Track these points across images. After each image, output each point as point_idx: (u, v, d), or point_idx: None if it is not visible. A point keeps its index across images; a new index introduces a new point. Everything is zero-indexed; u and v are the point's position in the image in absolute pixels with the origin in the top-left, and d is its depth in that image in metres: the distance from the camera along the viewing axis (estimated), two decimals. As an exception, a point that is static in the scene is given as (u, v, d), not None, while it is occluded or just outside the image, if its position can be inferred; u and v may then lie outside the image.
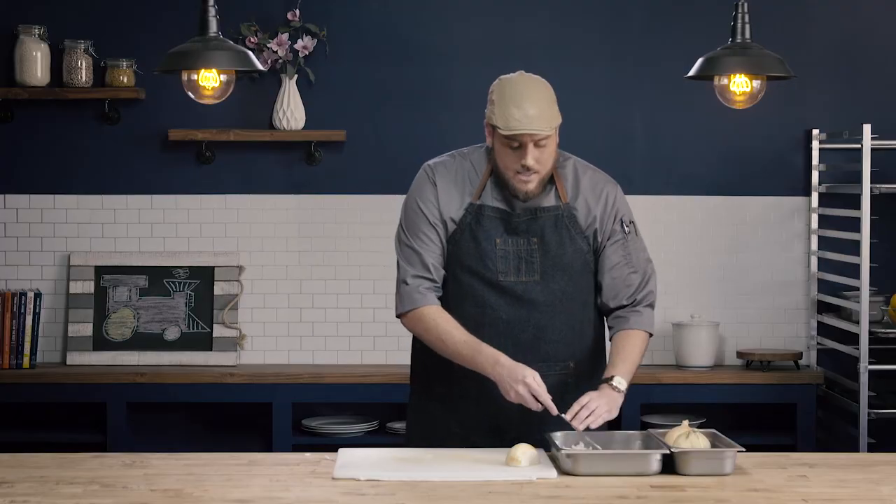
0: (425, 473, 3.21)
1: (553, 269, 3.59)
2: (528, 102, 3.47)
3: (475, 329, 3.56)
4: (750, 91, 4.11)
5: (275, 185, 5.74)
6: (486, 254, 3.58)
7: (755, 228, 5.76)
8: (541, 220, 3.59)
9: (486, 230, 3.59)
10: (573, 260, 3.60)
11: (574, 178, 3.65)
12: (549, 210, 3.60)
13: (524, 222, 3.59)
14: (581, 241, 3.61)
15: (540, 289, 3.59)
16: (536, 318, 3.59)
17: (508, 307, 3.59)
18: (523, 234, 3.59)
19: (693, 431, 3.33)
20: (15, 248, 5.72)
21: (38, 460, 3.41)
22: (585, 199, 3.62)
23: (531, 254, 3.58)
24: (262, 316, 5.75)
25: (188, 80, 4.03)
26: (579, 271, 3.62)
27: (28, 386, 5.45)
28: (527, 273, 3.58)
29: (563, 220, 3.60)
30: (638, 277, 3.67)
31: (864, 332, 5.18)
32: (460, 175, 3.63)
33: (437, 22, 5.72)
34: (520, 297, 3.59)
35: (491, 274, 3.58)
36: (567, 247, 3.60)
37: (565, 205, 3.61)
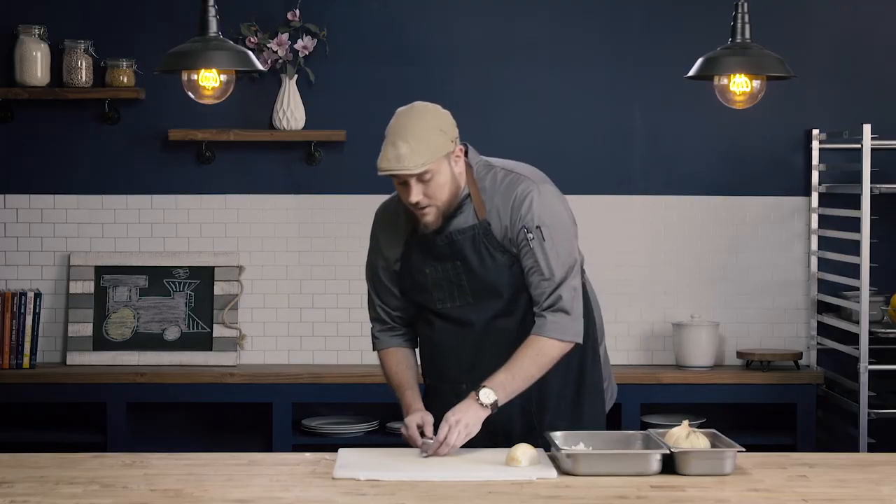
0: (425, 473, 3.21)
1: (482, 288, 3.59)
2: (401, 140, 3.44)
3: (431, 354, 3.70)
4: (750, 91, 4.11)
5: (275, 185, 5.74)
6: (422, 285, 3.64)
7: (755, 228, 5.76)
8: (457, 243, 3.58)
9: (416, 262, 3.63)
10: (497, 276, 3.58)
11: (492, 188, 3.60)
12: (465, 231, 3.58)
13: (445, 247, 3.59)
14: (500, 256, 3.58)
15: (473, 310, 3.61)
16: (475, 338, 3.62)
17: (449, 332, 3.65)
18: (448, 259, 3.60)
19: (693, 431, 3.33)
20: (15, 248, 5.72)
21: (38, 460, 3.41)
22: (498, 211, 3.57)
23: (459, 277, 3.60)
24: (262, 316, 5.75)
25: (188, 80, 4.04)
26: (508, 286, 3.59)
27: (28, 386, 5.45)
28: (460, 297, 3.61)
29: (479, 238, 3.58)
30: (548, 284, 3.56)
31: (864, 332, 5.18)
32: (398, 215, 3.67)
33: (437, 22, 5.72)
34: (458, 321, 3.63)
35: (431, 303, 3.64)
36: (488, 264, 3.58)
37: (480, 222, 3.58)
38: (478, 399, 3.46)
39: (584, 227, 5.70)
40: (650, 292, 5.75)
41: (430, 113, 3.52)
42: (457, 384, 3.62)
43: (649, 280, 5.75)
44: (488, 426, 3.54)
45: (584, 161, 5.73)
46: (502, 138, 5.67)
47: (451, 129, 3.52)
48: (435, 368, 3.71)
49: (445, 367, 3.67)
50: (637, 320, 5.75)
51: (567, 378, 3.67)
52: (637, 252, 5.75)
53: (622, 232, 5.74)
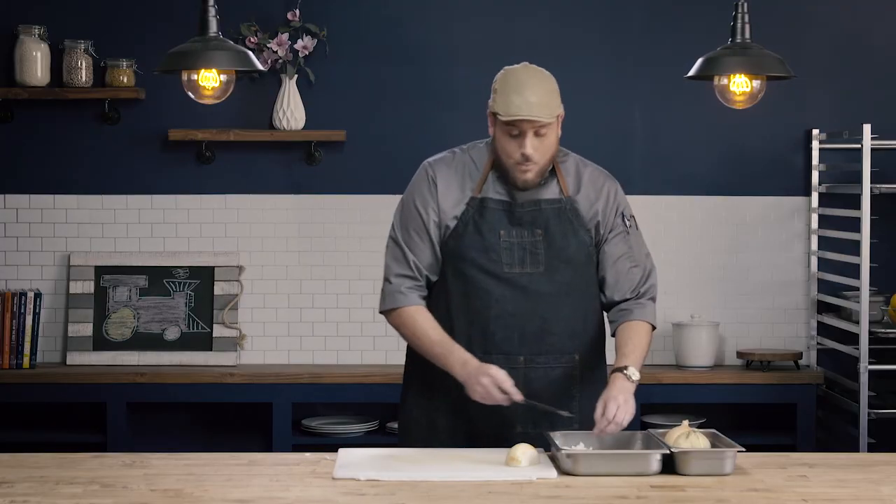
0: (425, 473, 3.21)
1: (557, 260, 3.59)
2: (529, 90, 3.51)
3: (482, 323, 3.58)
4: (750, 91, 4.11)
5: (275, 185, 5.74)
6: (491, 246, 3.58)
7: (755, 228, 5.76)
8: (544, 212, 3.60)
9: (490, 223, 3.59)
10: (577, 252, 3.61)
11: (576, 172, 3.67)
12: (551, 202, 3.61)
13: (528, 213, 3.60)
14: (584, 234, 3.62)
15: (545, 280, 3.59)
16: (542, 309, 3.59)
17: (514, 299, 3.58)
18: (527, 225, 3.59)
19: (693, 431, 3.33)
20: (15, 248, 5.72)
21: (38, 460, 3.41)
22: (587, 194, 3.64)
23: (535, 245, 3.59)
24: (262, 316, 5.75)
25: (188, 80, 4.04)
26: (583, 263, 3.63)
27: (28, 386, 5.45)
28: (532, 265, 3.59)
29: (565, 212, 3.61)
30: (640, 271, 3.69)
31: (864, 332, 5.18)
32: (460, 170, 3.64)
33: (437, 22, 5.72)
34: (525, 289, 3.58)
35: (496, 266, 3.58)
36: (570, 239, 3.60)
37: (567, 198, 3.62)
38: (629, 377, 3.48)
39: (584, 227, 5.74)
40: (650, 292, 5.74)
41: (548, 74, 3.64)
42: (513, 356, 3.56)
43: (649, 280, 5.74)
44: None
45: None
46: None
47: (559, 96, 3.60)
48: (488, 339, 3.58)
49: (504, 336, 3.57)
50: (637, 320, 5.74)
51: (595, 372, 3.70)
52: (637, 252, 5.74)
53: (622, 232, 5.73)
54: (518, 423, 3.59)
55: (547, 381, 3.59)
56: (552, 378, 3.58)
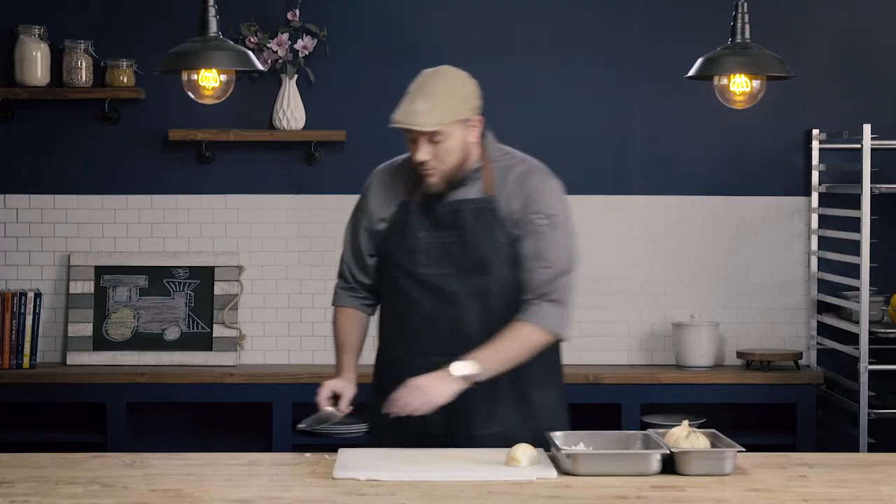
0: (425, 473, 3.21)
1: (471, 262, 3.57)
2: (420, 98, 3.50)
3: (400, 323, 3.64)
4: (750, 91, 4.12)
5: (275, 185, 5.74)
6: (410, 247, 3.61)
7: (755, 228, 5.76)
8: (462, 213, 3.58)
9: (411, 224, 3.61)
10: (491, 253, 3.57)
11: (505, 170, 3.63)
12: (471, 202, 3.59)
13: (446, 214, 3.59)
14: (500, 234, 3.57)
15: (459, 282, 3.58)
16: (454, 311, 3.58)
17: (429, 301, 3.59)
18: (446, 227, 3.59)
19: (693, 431, 3.33)
20: (15, 248, 5.72)
21: (38, 460, 3.41)
22: (509, 192, 3.59)
23: (452, 247, 3.58)
24: (262, 316, 5.75)
25: (188, 80, 4.04)
26: (498, 265, 3.58)
27: (28, 386, 5.45)
28: (447, 266, 3.58)
29: (484, 212, 3.58)
30: (549, 272, 3.56)
31: (864, 332, 5.18)
32: (399, 175, 3.69)
33: (438, 22, 5.72)
34: (440, 291, 3.58)
35: (413, 266, 3.60)
36: (485, 239, 3.57)
37: (488, 198, 3.59)
38: (449, 370, 3.45)
39: (584, 227, 5.70)
40: (650, 292, 5.75)
41: (457, 77, 3.61)
42: (430, 356, 3.57)
43: (649, 280, 5.75)
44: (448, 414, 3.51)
45: (584, 161, 5.73)
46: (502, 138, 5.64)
47: (473, 98, 3.58)
48: (407, 339, 3.64)
49: (420, 337, 3.61)
50: (637, 320, 5.75)
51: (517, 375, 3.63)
52: (637, 252, 5.75)
53: (622, 232, 5.74)
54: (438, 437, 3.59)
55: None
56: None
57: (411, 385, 3.45)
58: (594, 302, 5.73)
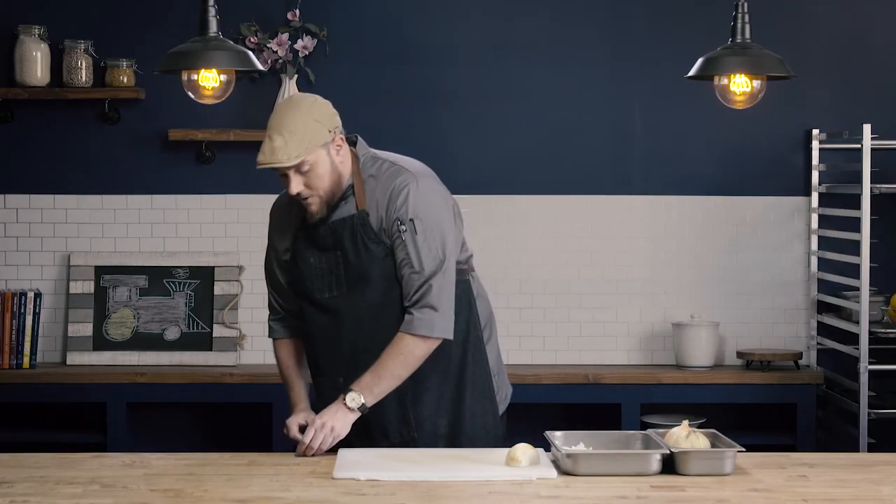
0: (425, 473, 3.21)
1: (356, 280, 3.59)
2: (276, 133, 3.50)
3: (311, 347, 3.71)
4: (750, 91, 4.11)
5: (275, 186, 5.66)
6: (305, 274, 3.65)
7: (755, 228, 5.76)
8: (338, 232, 3.60)
9: (302, 252, 3.66)
10: (369, 267, 3.58)
11: (375, 180, 3.61)
12: (346, 221, 3.59)
13: (327, 237, 3.61)
14: (375, 247, 3.57)
15: (349, 302, 3.60)
16: (350, 330, 3.61)
17: (327, 323, 3.64)
18: (330, 249, 3.62)
19: (693, 431, 3.33)
20: (15, 248, 5.72)
21: (38, 460, 3.41)
22: (376, 201, 3.58)
23: (338, 268, 3.61)
24: (262, 316, 5.71)
25: (188, 80, 4.04)
26: (381, 278, 3.58)
27: (28, 386, 5.45)
28: (336, 287, 3.62)
29: (357, 227, 3.58)
30: (418, 277, 3.54)
31: (864, 332, 5.18)
32: (289, 208, 3.71)
33: (437, 22, 5.72)
34: (334, 312, 3.62)
35: (310, 292, 3.66)
36: (362, 254, 3.58)
37: (360, 212, 3.59)
38: (345, 402, 3.51)
39: (584, 227, 5.75)
40: (650, 292, 5.75)
41: (306, 103, 3.55)
42: (334, 377, 3.63)
43: (649, 280, 5.75)
44: (364, 422, 3.56)
45: (584, 161, 5.73)
46: (502, 138, 5.67)
47: (328, 119, 3.54)
48: (314, 361, 3.72)
49: (323, 359, 3.67)
50: (637, 320, 5.75)
51: (446, 373, 3.66)
52: (637, 252, 5.75)
53: (622, 232, 5.74)
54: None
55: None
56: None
57: (314, 425, 3.51)
58: (594, 302, 5.73)
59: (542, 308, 5.74)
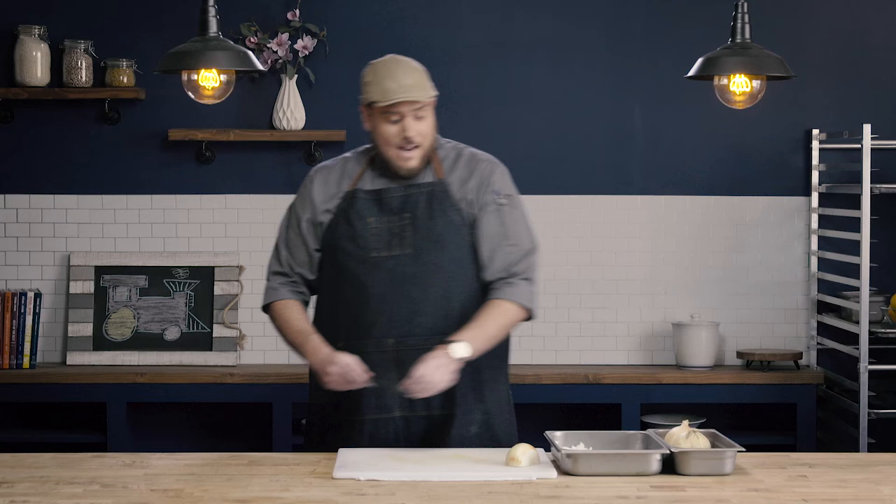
0: (425, 473, 3.21)
1: (425, 242, 3.59)
2: (401, 75, 3.58)
3: (354, 308, 3.61)
4: (750, 91, 4.11)
5: (275, 185, 5.74)
6: (359, 233, 3.62)
7: (755, 228, 5.76)
8: (413, 197, 3.62)
9: (359, 211, 3.64)
10: (445, 232, 3.60)
11: (454, 156, 3.69)
12: (422, 186, 3.63)
13: (397, 199, 3.63)
14: (454, 214, 3.61)
15: (412, 261, 3.59)
16: (409, 290, 3.58)
17: (381, 282, 3.59)
18: (396, 211, 3.62)
19: (693, 431, 3.33)
20: (15, 248, 5.72)
21: (38, 460, 3.41)
22: (460, 175, 3.65)
23: (403, 229, 3.61)
24: (262, 316, 5.67)
25: (188, 80, 4.04)
26: (453, 245, 3.60)
27: (28, 386, 5.45)
28: (398, 247, 3.60)
29: (435, 194, 3.62)
30: (516, 250, 3.63)
31: (864, 332, 5.18)
32: (339, 171, 3.72)
33: (437, 22, 5.72)
34: (391, 271, 3.59)
35: (364, 252, 3.61)
36: (438, 219, 3.60)
37: (439, 180, 3.64)
38: (449, 352, 3.46)
39: (584, 226, 5.75)
40: (650, 292, 5.75)
41: (416, 62, 3.66)
42: (383, 339, 3.58)
43: (649, 280, 5.75)
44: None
45: (584, 161, 5.73)
46: (502, 138, 5.67)
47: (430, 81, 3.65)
48: (358, 325, 3.61)
49: (373, 321, 3.59)
50: (637, 320, 5.75)
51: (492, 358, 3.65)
52: (637, 252, 5.75)
53: (622, 232, 5.74)
54: (396, 407, 3.60)
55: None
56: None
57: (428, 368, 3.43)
58: (594, 302, 5.73)
59: (543, 308, 5.69)
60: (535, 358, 5.73)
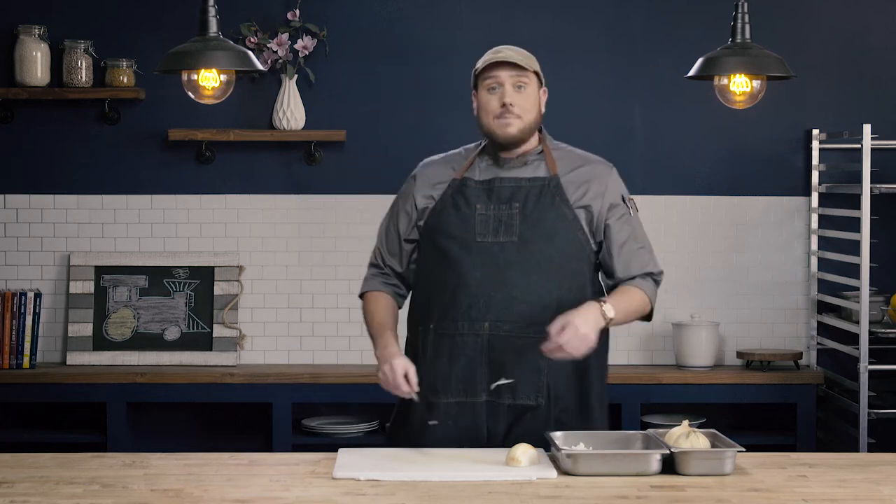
0: (425, 473, 3.21)
1: (533, 231, 3.58)
2: (505, 48, 3.65)
3: (451, 290, 3.59)
4: (750, 91, 4.11)
5: (275, 185, 5.74)
6: (466, 218, 3.62)
7: (755, 228, 5.76)
8: (524, 188, 3.62)
9: (467, 198, 3.64)
10: (555, 224, 3.60)
11: (569, 157, 3.72)
12: (535, 180, 3.63)
13: (507, 189, 3.63)
14: (566, 209, 3.62)
15: (517, 249, 3.58)
16: (511, 277, 3.57)
17: (483, 266, 3.58)
18: (506, 200, 3.62)
19: (693, 431, 3.33)
20: (15, 248, 5.72)
21: (38, 460, 3.41)
22: (577, 175, 3.67)
23: (511, 217, 3.60)
24: (262, 316, 5.75)
25: (188, 80, 4.04)
26: (561, 238, 3.60)
27: (28, 386, 5.45)
28: (505, 234, 3.59)
29: (548, 188, 3.63)
30: (646, 253, 3.74)
31: (864, 332, 5.18)
32: (447, 163, 3.73)
33: (437, 22, 5.72)
34: (496, 257, 3.58)
35: (469, 236, 3.60)
36: (549, 212, 3.60)
37: (553, 176, 3.65)
38: (603, 311, 3.52)
39: (584, 227, 5.73)
40: (650, 292, 5.74)
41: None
42: (478, 322, 3.56)
43: (649, 280, 5.74)
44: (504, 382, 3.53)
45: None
46: (502, 138, 5.66)
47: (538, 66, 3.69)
48: (452, 307, 3.59)
49: (468, 304, 3.57)
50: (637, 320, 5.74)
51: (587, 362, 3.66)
52: (637, 252, 5.74)
53: (622, 232, 5.73)
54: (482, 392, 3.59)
55: (513, 350, 3.56)
56: (519, 347, 3.55)
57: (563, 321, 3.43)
58: (594, 302, 5.73)
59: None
60: (535, 358, 5.71)
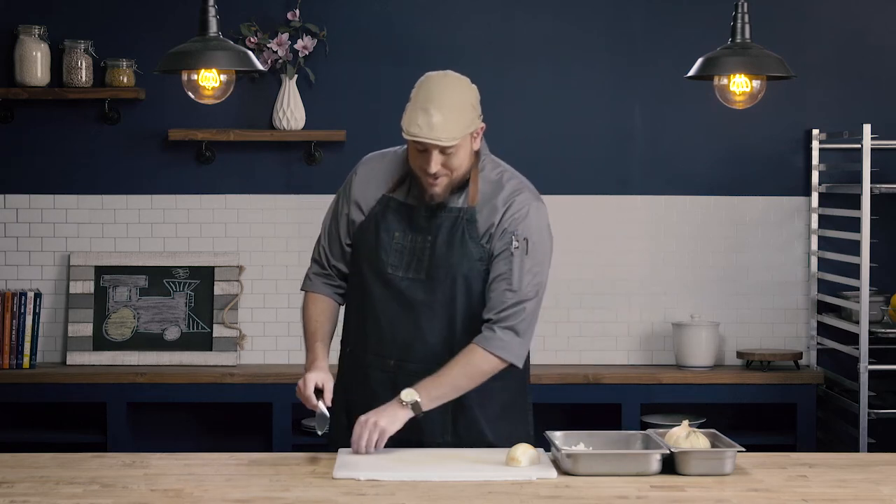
0: (425, 473, 3.21)
1: (440, 270, 3.51)
2: (435, 108, 3.42)
3: (363, 321, 3.59)
4: (750, 91, 4.12)
5: (275, 185, 5.74)
6: (383, 246, 3.56)
7: (755, 228, 5.76)
8: (440, 219, 3.53)
9: (388, 223, 3.57)
10: (460, 264, 3.51)
11: (495, 184, 3.56)
12: (450, 211, 3.53)
13: (424, 219, 3.53)
14: (473, 247, 3.51)
15: (423, 289, 3.52)
16: (416, 317, 3.53)
17: (392, 302, 3.54)
18: (422, 231, 3.53)
19: (693, 431, 3.33)
20: (15, 248, 5.72)
21: (38, 460, 3.41)
22: (492, 206, 3.53)
23: (423, 252, 3.52)
24: (262, 316, 5.75)
25: (188, 80, 4.04)
26: (466, 277, 3.52)
27: (28, 386, 5.45)
28: (415, 270, 3.53)
29: (461, 222, 3.52)
30: (512, 297, 3.48)
31: (864, 332, 5.18)
32: (386, 167, 3.63)
33: (437, 22, 5.72)
34: (402, 294, 3.53)
35: (382, 266, 3.55)
36: (456, 249, 3.51)
37: (468, 208, 3.53)
38: (399, 398, 3.41)
39: (584, 227, 5.75)
40: (650, 292, 5.75)
41: (465, 86, 3.52)
42: (385, 358, 3.56)
43: (649, 280, 5.75)
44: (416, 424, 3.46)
45: (584, 161, 5.73)
46: (502, 138, 5.65)
47: (477, 105, 3.52)
48: (364, 337, 3.59)
49: (378, 337, 3.56)
50: (637, 320, 5.75)
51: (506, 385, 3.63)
52: (637, 252, 5.75)
53: (622, 232, 5.74)
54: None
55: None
56: None
57: (362, 421, 3.40)
58: (594, 302, 5.73)
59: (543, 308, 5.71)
60: (535, 358, 5.67)
